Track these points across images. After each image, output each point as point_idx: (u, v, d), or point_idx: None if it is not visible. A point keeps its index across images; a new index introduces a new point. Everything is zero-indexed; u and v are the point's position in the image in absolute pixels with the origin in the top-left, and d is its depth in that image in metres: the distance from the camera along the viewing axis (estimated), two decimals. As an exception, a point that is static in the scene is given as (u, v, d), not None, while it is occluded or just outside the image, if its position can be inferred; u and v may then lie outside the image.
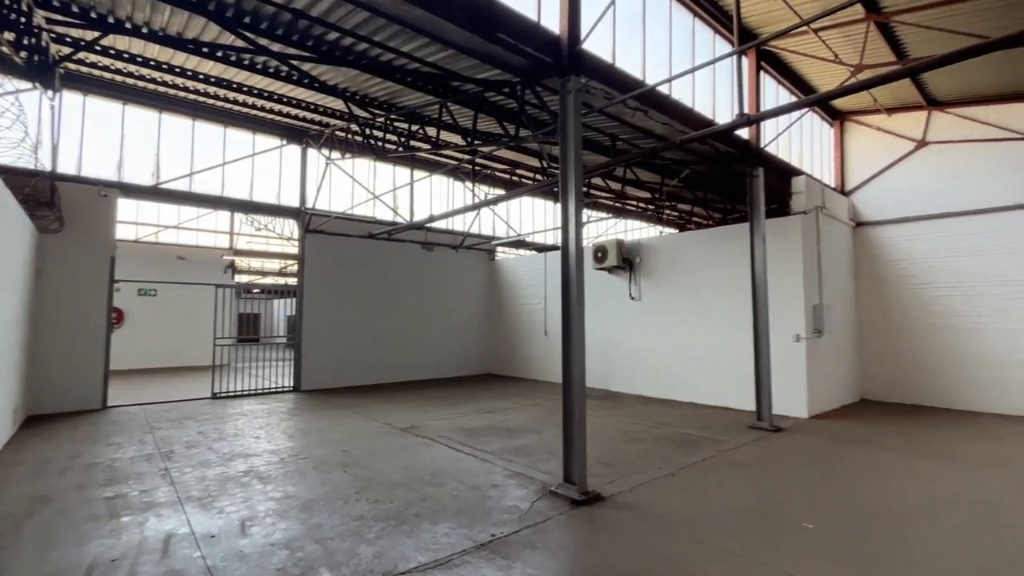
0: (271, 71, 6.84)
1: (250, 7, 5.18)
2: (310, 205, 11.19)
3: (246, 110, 9.47)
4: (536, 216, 15.73)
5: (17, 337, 6.70)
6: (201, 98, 8.95)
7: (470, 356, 14.05)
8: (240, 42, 5.74)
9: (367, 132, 8.62)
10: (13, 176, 6.07)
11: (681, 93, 7.63)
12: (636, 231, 16.77)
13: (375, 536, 3.67)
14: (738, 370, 8.65)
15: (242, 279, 21.55)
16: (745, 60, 8.65)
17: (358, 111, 8.25)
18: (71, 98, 8.78)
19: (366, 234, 11.84)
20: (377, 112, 7.75)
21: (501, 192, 12.47)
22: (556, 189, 9.60)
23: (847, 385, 9.72)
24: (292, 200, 11.31)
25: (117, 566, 3.21)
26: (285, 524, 3.87)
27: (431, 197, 13.57)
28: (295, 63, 6.13)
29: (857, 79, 8.15)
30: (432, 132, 8.62)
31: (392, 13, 4.62)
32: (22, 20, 4.87)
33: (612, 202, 12.50)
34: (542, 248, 15.16)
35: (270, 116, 9.79)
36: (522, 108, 6.25)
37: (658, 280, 10.37)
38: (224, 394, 9.89)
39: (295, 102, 8.65)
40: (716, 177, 9.69)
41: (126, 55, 6.99)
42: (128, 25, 5.74)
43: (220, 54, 6.25)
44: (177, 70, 7.48)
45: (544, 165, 9.50)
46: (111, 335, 8.68)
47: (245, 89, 8.11)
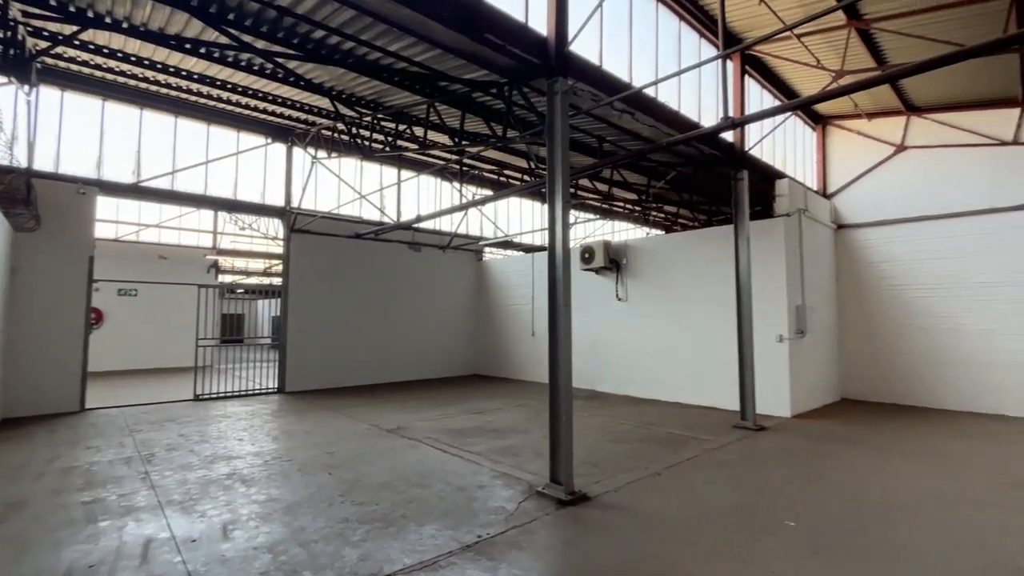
0: (256, 68, 6.75)
1: (234, 3, 5.11)
2: (296, 204, 11.07)
3: (230, 107, 9.34)
4: (524, 217, 15.76)
5: (-9, 338, 6.53)
6: (184, 95, 8.80)
7: (457, 357, 14.02)
8: (224, 39, 5.66)
9: (354, 131, 8.55)
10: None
11: (667, 96, 7.71)
12: (623, 232, 16.89)
13: (360, 538, 3.64)
14: (723, 370, 8.75)
15: (226, 279, 21.25)
16: (730, 64, 8.76)
17: (345, 110, 8.19)
18: (48, 93, 8.57)
19: (353, 234, 11.75)
20: (364, 111, 7.69)
21: (489, 193, 12.46)
22: (544, 190, 9.63)
23: (828, 385, 9.89)
24: (277, 199, 11.19)
25: (94, 572, 3.14)
26: (268, 527, 3.82)
27: (418, 197, 13.53)
28: (280, 61, 6.06)
29: (838, 84, 8.30)
30: (419, 132, 8.58)
31: (379, 12, 4.59)
32: (-3, 13, 4.75)
33: (599, 203, 12.57)
34: (530, 249, 15.19)
35: (255, 114, 9.67)
36: (509, 109, 6.26)
37: (644, 281, 10.45)
38: (207, 396, 9.73)
39: (280, 100, 8.56)
40: (701, 179, 9.80)
41: (106, 50, 6.84)
42: (108, 20, 5.62)
43: (203, 51, 6.13)
44: (159, 66, 7.35)
45: (532, 166, 9.52)
46: (89, 336, 8.49)
47: (229, 86, 8.00)
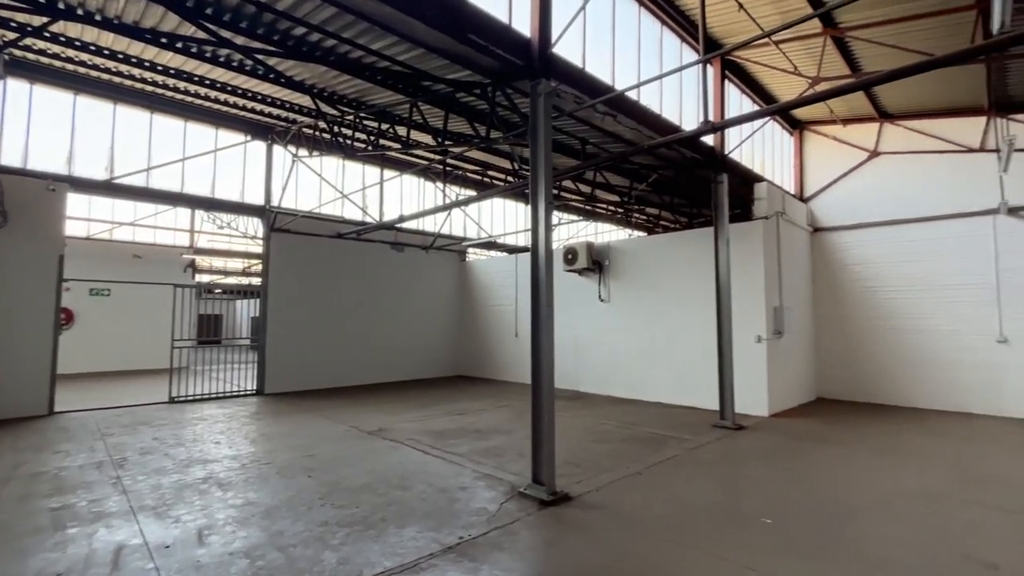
0: (235, 65, 6.62)
1: (212, -2, 5.02)
2: (276, 203, 10.89)
3: (208, 104, 9.16)
4: (507, 217, 15.77)
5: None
6: (159, 90, 8.60)
7: (440, 358, 13.95)
8: (202, 33, 5.55)
9: (336, 130, 8.46)
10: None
11: (649, 99, 7.80)
12: (606, 234, 17.02)
13: (339, 542, 3.60)
14: (703, 370, 8.87)
15: (203, 279, 20.82)
16: (711, 69, 8.90)
17: (326, 108, 8.09)
18: (16, 86, 8.30)
19: (334, 234, 11.62)
20: (346, 110, 7.62)
21: (472, 193, 12.45)
22: (527, 191, 9.64)
23: (805, 384, 10.11)
24: (257, 198, 11.00)
25: (62, 581, 3.05)
26: (246, 532, 3.75)
27: (401, 197, 13.44)
28: (260, 57, 5.96)
29: (815, 90, 8.50)
30: (403, 131, 8.53)
31: (361, 10, 4.55)
32: (-39, 2, 4.58)
33: (582, 204, 12.65)
34: (513, 250, 15.21)
35: (234, 111, 9.50)
36: (493, 110, 6.26)
37: (627, 282, 10.55)
38: (182, 398, 9.51)
39: (260, 97, 8.42)
40: (683, 182, 9.93)
41: (78, 43, 6.65)
42: (80, 11, 5.47)
43: (180, 45, 6.00)
44: (134, 60, 7.17)
45: (515, 167, 9.53)
46: (59, 337, 8.23)
47: (207, 82, 7.84)
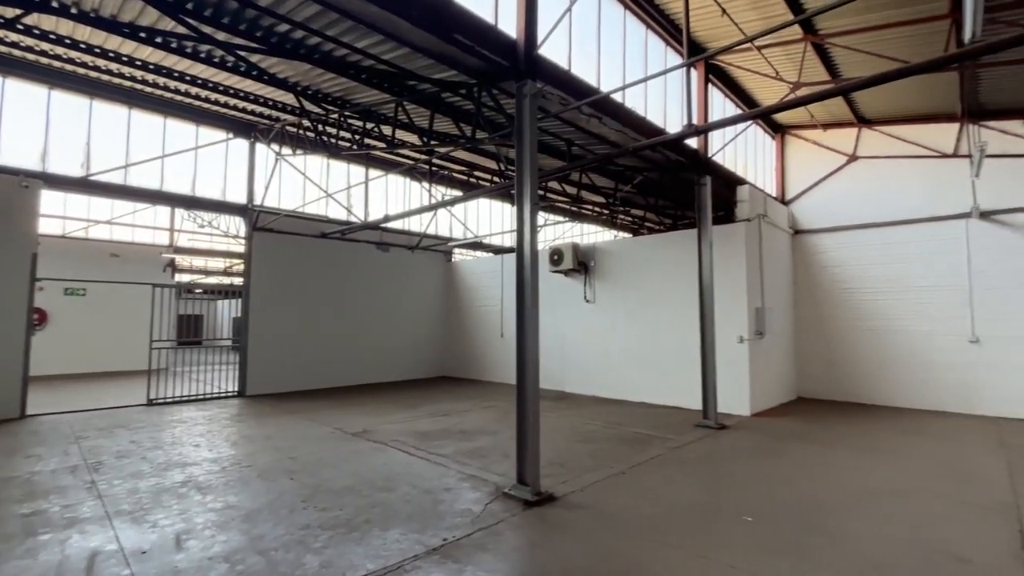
0: (216, 61, 6.50)
1: (193, -8, 4.93)
2: (258, 202, 10.73)
3: (189, 100, 8.98)
4: (494, 218, 15.76)
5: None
6: (138, 85, 8.42)
7: (426, 358, 13.89)
8: (182, 29, 5.44)
9: (320, 128, 8.36)
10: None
11: (634, 102, 7.86)
12: (591, 235, 17.11)
13: (322, 545, 3.56)
14: (686, 370, 8.96)
15: (183, 278, 20.43)
16: (695, 73, 9.01)
17: (310, 106, 7.99)
18: (-13, 79, 8.07)
19: (318, 233, 11.49)
20: (330, 108, 7.54)
21: (459, 193, 12.42)
22: (513, 192, 9.65)
23: (785, 384, 10.28)
24: (239, 196, 10.82)
25: (33, 588, 2.97)
26: (225, 536, 3.69)
27: (387, 196, 13.34)
28: (242, 54, 5.88)
29: (796, 95, 8.66)
30: (388, 131, 8.46)
31: (345, 8, 4.51)
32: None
33: (568, 206, 12.69)
34: (499, 250, 15.20)
35: (215, 108, 9.34)
36: (479, 110, 6.25)
37: (612, 283, 10.62)
38: (161, 400, 9.31)
39: (243, 94, 8.28)
40: (667, 184, 10.03)
41: (52, 36, 6.47)
42: (55, 3, 5.32)
43: (159, 40, 5.87)
44: (111, 54, 7.00)
45: (501, 167, 9.53)
46: (31, 338, 8.00)
47: (188, 78, 7.69)
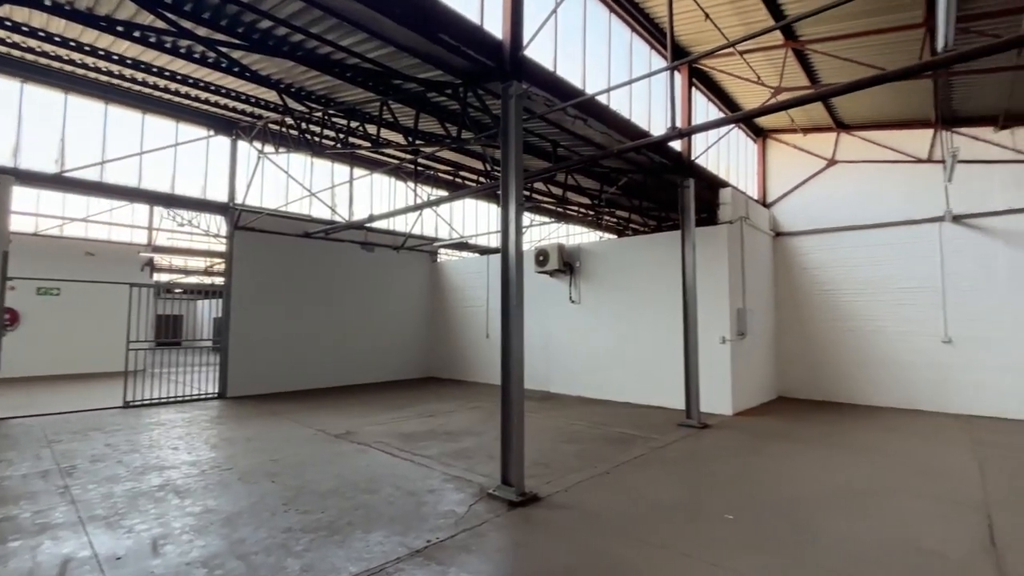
0: (197, 56, 6.38)
1: (172, -13, 4.83)
2: (240, 200, 10.56)
3: (168, 96, 8.79)
4: (479, 218, 15.74)
5: None
6: (115, 80, 8.22)
7: (411, 359, 13.80)
8: (161, 23, 5.34)
9: (303, 126, 8.26)
10: None
11: (619, 104, 7.92)
12: (577, 236, 17.19)
13: (303, 548, 3.51)
14: (670, 370, 9.05)
15: (162, 278, 20.02)
16: (678, 76, 9.11)
17: (294, 104, 7.89)
18: (-44, 72, 7.82)
19: (302, 233, 11.35)
20: (314, 106, 7.45)
21: (444, 193, 12.38)
22: (499, 192, 9.65)
23: (766, 384, 10.45)
24: (220, 195, 10.65)
25: (1, 597, 2.88)
26: (204, 541, 3.62)
27: (372, 196, 13.24)
28: (224, 50, 5.77)
29: (777, 100, 8.80)
30: (373, 130, 8.39)
31: (329, 5, 4.47)
32: None
33: (554, 207, 12.72)
34: (485, 251, 15.18)
35: (196, 104, 9.15)
36: (464, 110, 6.24)
37: (597, 284, 10.68)
38: (138, 402, 9.10)
39: (224, 91, 8.14)
40: (651, 186, 10.12)
41: (25, 28, 6.28)
42: (27, -5, 5.17)
43: (138, 34, 5.75)
44: (87, 48, 6.82)
45: (487, 168, 9.52)
46: (2, 339, 7.78)
47: (167, 74, 7.52)
